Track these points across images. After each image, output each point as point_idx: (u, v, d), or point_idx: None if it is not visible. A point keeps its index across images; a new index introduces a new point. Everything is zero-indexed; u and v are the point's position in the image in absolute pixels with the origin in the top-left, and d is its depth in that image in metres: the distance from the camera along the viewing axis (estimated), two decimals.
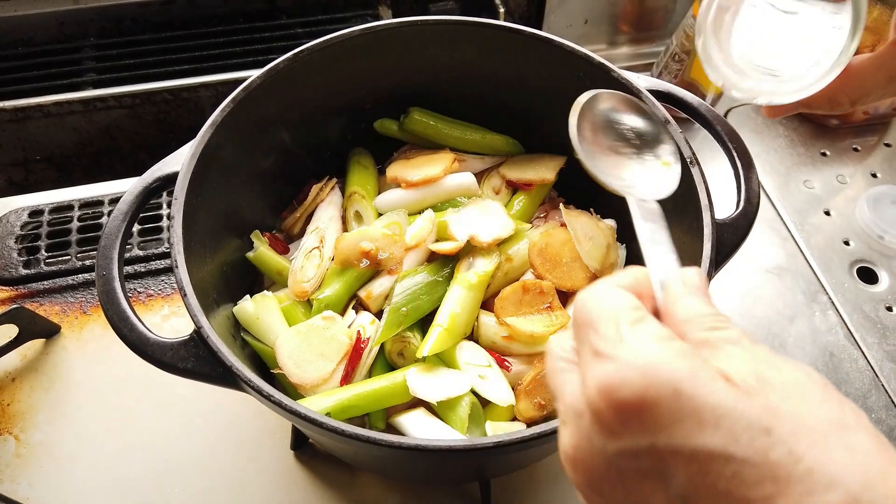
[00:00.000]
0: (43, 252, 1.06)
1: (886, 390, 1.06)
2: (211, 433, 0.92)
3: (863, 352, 1.10)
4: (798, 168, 1.36)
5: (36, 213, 1.11)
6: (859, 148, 1.40)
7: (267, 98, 0.83)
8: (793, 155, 1.38)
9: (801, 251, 1.23)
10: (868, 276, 1.20)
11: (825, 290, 1.18)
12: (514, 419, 0.78)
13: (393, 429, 0.79)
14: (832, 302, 1.17)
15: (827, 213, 1.29)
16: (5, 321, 0.92)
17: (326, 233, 0.87)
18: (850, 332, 1.13)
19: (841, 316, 1.15)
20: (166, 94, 1.25)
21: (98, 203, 1.12)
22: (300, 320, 0.81)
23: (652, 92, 0.80)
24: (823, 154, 1.38)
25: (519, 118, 0.95)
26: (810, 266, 1.21)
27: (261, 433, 0.92)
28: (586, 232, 0.87)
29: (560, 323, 0.81)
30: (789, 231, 1.25)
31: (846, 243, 1.25)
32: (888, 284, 1.07)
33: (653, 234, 0.45)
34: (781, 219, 1.27)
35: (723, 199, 0.77)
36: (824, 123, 1.41)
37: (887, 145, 1.40)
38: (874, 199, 1.26)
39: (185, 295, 0.65)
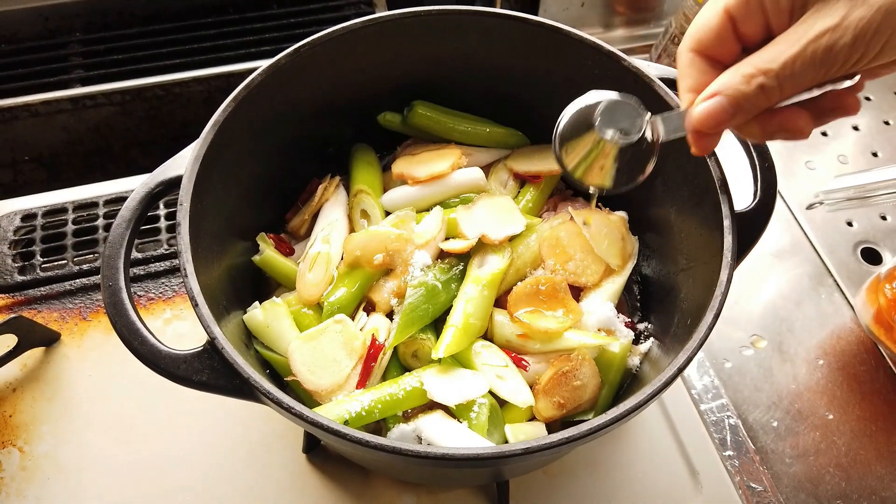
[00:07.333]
0: (38, 257, 1.03)
1: (895, 372, 1.06)
2: (220, 439, 0.91)
3: None
4: (799, 149, 1.35)
5: (29, 216, 1.07)
6: (859, 126, 1.39)
7: (269, 95, 0.80)
8: None
9: (805, 234, 1.22)
10: (872, 256, 1.20)
11: (830, 272, 1.18)
12: (533, 418, 0.77)
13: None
14: (837, 284, 1.17)
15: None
16: (4, 331, 0.90)
17: (333, 233, 0.85)
18: (856, 314, 1.12)
19: (846, 298, 1.15)
20: (157, 90, 1.21)
21: (93, 205, 1.09)
22: (311, 325, 0.79)
23: (664, 80, 0.78)
24: (824, 134, 1.37)
25: (525, 109, 0.93)
26: (815, 249, 1.21)
27: (271, 437, 0.91)
28: (599, 229, 0.85)
29: (574, 318, 0.80)
30: (793, 214, 1.25)
31: (849, 224, 1.24)
32: (893, 264, 1.06)
33: None
34: (784, 202, 1.26)
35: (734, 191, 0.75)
36: None
37: (886, 123, 1.40)
38: None
39: (197, 305, 0.63)
